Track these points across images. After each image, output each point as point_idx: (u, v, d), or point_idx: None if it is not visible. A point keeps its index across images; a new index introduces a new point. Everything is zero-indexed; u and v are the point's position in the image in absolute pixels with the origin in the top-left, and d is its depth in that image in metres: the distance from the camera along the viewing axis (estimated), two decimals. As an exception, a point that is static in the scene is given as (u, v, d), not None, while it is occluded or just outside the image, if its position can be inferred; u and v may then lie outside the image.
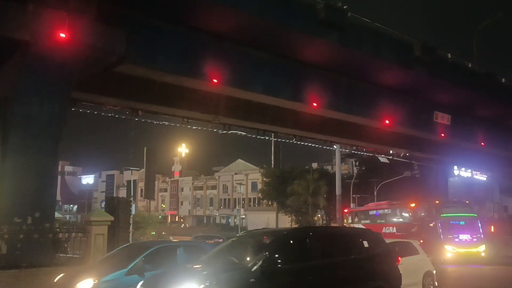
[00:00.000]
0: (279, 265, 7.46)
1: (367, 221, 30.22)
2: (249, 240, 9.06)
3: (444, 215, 24.22)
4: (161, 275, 8.05)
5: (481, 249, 23.57)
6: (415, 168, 37.79)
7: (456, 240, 23.44)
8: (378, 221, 29.20)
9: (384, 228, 27.92)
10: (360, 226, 30.32)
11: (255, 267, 7.16)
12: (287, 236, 8.49)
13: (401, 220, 27.31)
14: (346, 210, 34.85)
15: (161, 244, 11.08)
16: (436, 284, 13.21)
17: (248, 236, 9.81)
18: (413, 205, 26.48)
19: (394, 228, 27.13)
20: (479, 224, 24.76)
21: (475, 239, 23.88)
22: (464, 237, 23.71)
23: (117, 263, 9.55)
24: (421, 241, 23.94)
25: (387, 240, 16.74)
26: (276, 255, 7.53)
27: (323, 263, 8.10)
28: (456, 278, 18.52)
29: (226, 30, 15.91)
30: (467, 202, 27.77)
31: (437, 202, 26.96)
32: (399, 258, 10.15)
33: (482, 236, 24.30)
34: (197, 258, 8.71)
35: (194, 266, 8.01)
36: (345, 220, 33.38)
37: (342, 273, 8.33)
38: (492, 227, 31.25)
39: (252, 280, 7.06)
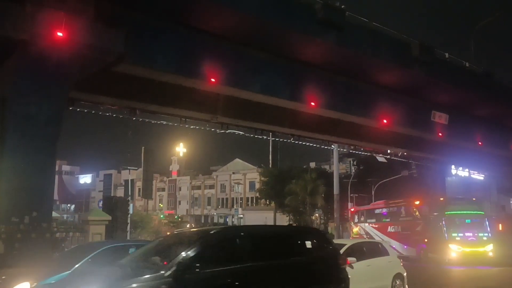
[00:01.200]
0: (198, 269, 6.64)
1: (373, 220, 29.99)
2: (175, 240, 8.30)
3: (448, 212, 23.52)
4: (67, 279, 7.55)
5: (489, 249, 22.71)
6: (412, 167, 37.84)
7: (462, 239, 22.57)
8: (384, 219, 28.90)
9: (389, 227, 27.70)
10: (366, 225, 30.31)
11: (168, 272, 6.42)
12: (212, 236, 7.61)
13: (406, 218, 26.74)
14: (352, 209, 34.83)
15: (111, 244, 10.50)
16: (407, 287, 12.75)
17: (177, 235, 9.07)
18: (417, 202, 25.97)
19: (399, 227, 26.77)
20: (487, 222, 23.87)
21: (482, 238, 22.98)
22: (470, 235, 22.84)
23: (62, 265, 9.02)
24: (426, 240, 23.86)
25: (360, 240, 16.51)
26: (195, 258, 6.72)
27: (254, 266, 7.27)
28: (457, 281, 18.01)
29: (224, 29, 15.90)
30: (473, 199, 27.13)
31: (441, 199, 26.60)
32: (348, 260, 9.72)
33: (489, 234, 23.42)
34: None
35: (109, 269, 7.41)
36: (351, 220, 33.47)
37: (277, 278, 7.56)
38: (500, 225, 30.06)
39: (163, 287, 6.36)
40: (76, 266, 8.63)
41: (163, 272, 6.45)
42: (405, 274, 12.83)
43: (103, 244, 10.83)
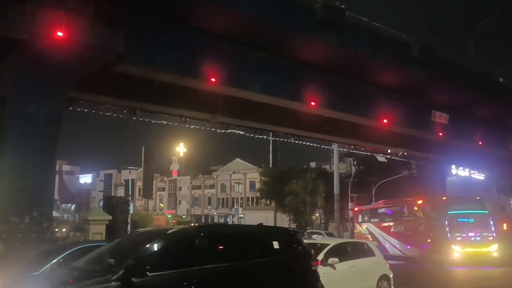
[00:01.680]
0: (149, 273, 6.19)
1: (376, 220, 29.73)
2: (133, 240, 7.74)
3: (451, 212, 23.02)
4: (20, 280, 7.32)
5: (493, 249, 22.18)
6: (413, 167, 37.77)
7: (465, 239, 22.05)
8: (387, 219, 28.62)
9: (392, 226, 27.49)
10: (369, 224, 30.17)
11: (115, 276, 5.99)
12: (167, 237, 7.01)
13: (409, 218, 26.36)
14: (356, 209, 34.69)
15: (84, 244, 10.17)
16: None
17: (136, 235, 8.58)
18: (420, 202, 25.62)
19: (403, 226, 26.41)
20: (491, 222, 23.36)
21: (486, 238, 22.48)
22: (474, 235, 22.33)
23: (34, 266, 8.67)
24: (429, 240, 23.64)
25: (344, 240, 16.15)
26: (146, 261, 6.30)
27: (213, 269, 6.80)
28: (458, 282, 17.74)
29: (224, 29, 15.91)
30: (477, 198, 26.36)
31: (444, 198, 26.17)
32: (320, 261, 9.41)
33: (494, 234, 22.88)
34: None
35: (55, 273, 7.05)
36: (355, 220, 33.36)
37: (239, 280, 7.12)
38: (505, 225, 29.03)
39: None
40: (45, 267, 8.41)
41: (110, 275, 6.04)
42: (391, 275, 12.32)
43: (75, 244, 10.52)
